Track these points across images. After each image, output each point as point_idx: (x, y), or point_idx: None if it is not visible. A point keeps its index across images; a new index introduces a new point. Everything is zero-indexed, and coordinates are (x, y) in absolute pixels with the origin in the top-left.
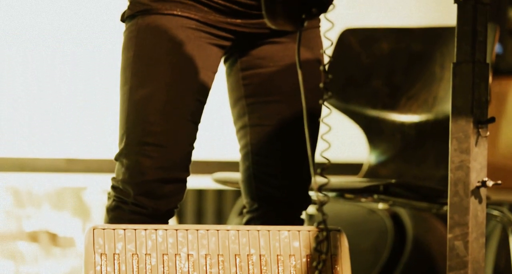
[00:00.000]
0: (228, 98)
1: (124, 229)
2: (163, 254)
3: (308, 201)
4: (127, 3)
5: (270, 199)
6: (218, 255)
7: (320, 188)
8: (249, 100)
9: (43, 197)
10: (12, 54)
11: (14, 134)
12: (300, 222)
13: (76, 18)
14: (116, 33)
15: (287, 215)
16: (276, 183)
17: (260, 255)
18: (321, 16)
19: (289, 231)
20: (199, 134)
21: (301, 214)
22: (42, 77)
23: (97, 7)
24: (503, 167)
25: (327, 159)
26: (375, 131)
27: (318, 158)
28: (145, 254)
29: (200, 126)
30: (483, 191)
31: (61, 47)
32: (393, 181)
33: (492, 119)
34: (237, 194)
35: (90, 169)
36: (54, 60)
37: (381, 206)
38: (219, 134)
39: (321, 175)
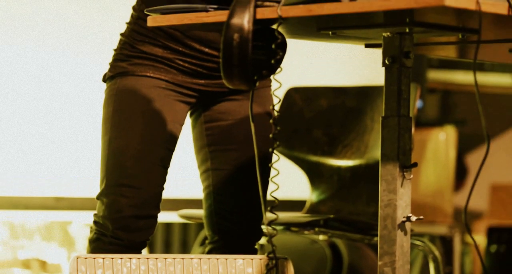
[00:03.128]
0: (193, 146)
1: (103, 258)
2: None
3: (260, 234)
4: (108, 67)
5: (229, 232)
6: None
7: (270, 223)
8: (211, 148)
9: (34, 230)
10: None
11: (9, 176)
12: (254, 252)
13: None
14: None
15: (243, 246)
16: (234, 218)
17: None
18: (271, 77)
19: (243, 259)
20: (167, 176)
21: (254, 244)
22: (33, 127)
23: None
24: (424, 204)
25: (275, 198)
26: (316, 174)
27: (268, 197)
28: None
29: (168, 170)
30: (407, 225)
31: (46, 97)
32: (331, 216)
33: (415, 165)
34: (200, 227)
35: (75, 206)
36: (39, 109)
37: (321, 237)
38: (184, 176)
39: (271, 211)
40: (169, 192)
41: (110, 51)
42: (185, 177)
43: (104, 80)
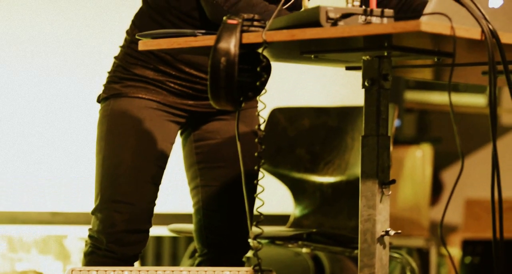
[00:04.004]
0: (183, 164)
1: (97, 271)
2: None
3: (247, 247)
4: (102, 88)
5: (217, 245)
6: None
7: (256, 237)
8: (200, 165)
9: (31, 244)
10: None
11: (7, 191)
12: (241, 264)
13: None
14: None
15: (230, 259)
16: (222, 232)
17: None
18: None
19: (230, 271)
20: (158, 192)
21: (241, 257)
22: (30, 145)
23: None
24: (402, 218)
25: (261, 214)
26: (299, 190)
27: (254, 212)
28: None
29: (160, 186)
30: (386, 238)
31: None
32: (314, 230)
33: (393, 181)
34: (189, 240)
35: (70, 221)
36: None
37: (304, 250)
38: (174, 192)
39: (257, 226)
40: (160, 207)
41: (104, 73)
42: (175, 193)
43: (99, 101)
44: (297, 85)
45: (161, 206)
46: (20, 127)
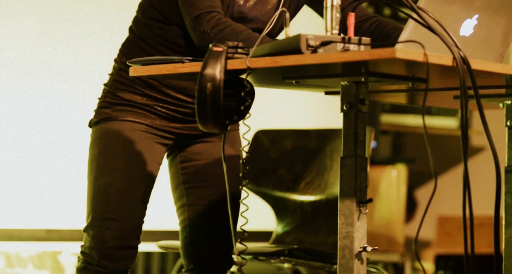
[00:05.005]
0: (170, 184)
1: None
2: None
3: (231, 263)
4: (93, 113)
5: (203, 261)
6: None
7: (240, 253)
8: (186, 185)
9: (27, 260)
10: None
11: (4, 210)
12: None
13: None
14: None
15: None
16: (207, 249)
17: None
18: (240, 122)
19: None
20: (147, 211)
21: (226, 272)
22: (26, 166)
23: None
24: (378, 234)
25: (245, 231)
26: (281, 208)
27: (238, 230)
28: None
29: (148, 205)
30: (364, 254)
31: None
32: (295, 246)
33: (370, 200)
34: (177, 256)
35: (64, 238)
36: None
37: (286, 265)
38: (162, 210)
39: (241, 243)
40: (149, 224)
41: (95, 99)
42: (163, 211)
43: (90, 125)
44: (279, 109)
45: (150, 224)
46: (15, 145)
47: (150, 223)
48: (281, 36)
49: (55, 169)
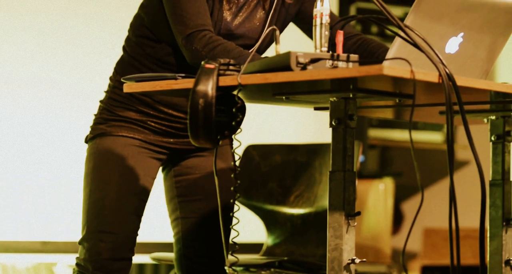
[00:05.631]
0: (165, 197)
1: None
2: None
3: None
4: (89, 129)
5: (196, 272)
6: None
7: (232, 265)
8: (180, 199)
9: (24, 271)
10: None
11: (1, 223)
12: None
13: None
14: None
15: None
16: (200, 260)
17: None
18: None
19: None
20: (141, 223)
21: None
22: (22, 180)
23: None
24: (366, 246)
25: (236, 244)
26: (271, 221)
27: (230, 242)
28: None
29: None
30: (352, 266)
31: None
32: (285, 258)
33: (358, 213)
34: (169, 267)
35: (60, 250)
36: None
37: None
38: (156, 223)
39: (232, 255)
40: (143, 236)
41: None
42: (156, 223)
43: (86, 141)
44: (270, 124)
45: (144, 236)
46: (10, 159)
47: (143, 235)
48: (270, 52)
49: (51, 180)
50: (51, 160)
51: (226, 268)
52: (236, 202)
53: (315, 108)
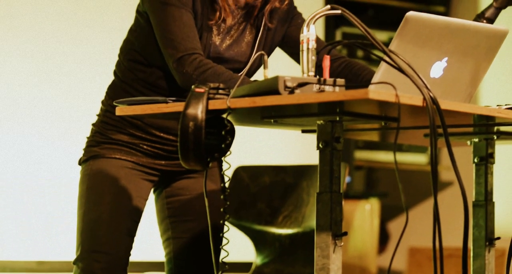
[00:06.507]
0: (156, 218)
1: None
2: None
3: None
4: (82, 152)
5: None
6: None
7: None
8: (171, 219)
9: None
10: None
11: None
12: None
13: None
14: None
15: None
16: None
17: None
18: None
19: None
20: (134, 243)
21: None
22: (19, 201)
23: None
24: (352, 265)
25: (226, 263)
26: (260, 241)
27: (220, 262)
28: None
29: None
30: None
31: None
32: None
33: (345, 234)
34: None
35: (55, 269)
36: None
37: None
38: (148, 243)
39: None
40: (135, 256)
41: (84, 138)
42: (149, 243)
43: (80, 163)
44: (259, 146)
45: (137, 255)
46: (5, 176)
47: (136, 254)
48: (258, 76)
49: (46, 203)
50: (47, 181)
51: None
52: (226, 222)
53: (303, 131)
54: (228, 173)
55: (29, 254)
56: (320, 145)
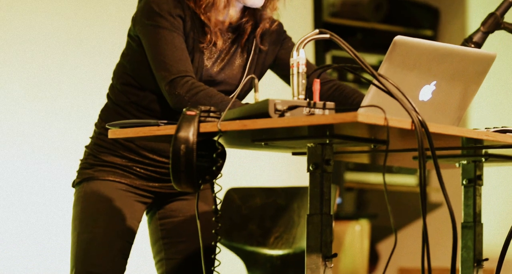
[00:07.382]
0: (149, 239)
1: None
2: None
3: None
4: (76, 174)
5: None
6: None
7: None
8: (164, 240)
9: None
10: None
11: None
12: None
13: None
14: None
15: None
16: None
17: None
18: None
19: None
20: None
21: None
22: (15, 221)
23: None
24: None
25: None
26: (251, 262)
27: None
28: None
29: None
30: None
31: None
32: None
33: (335, 255)
34: None
35: None
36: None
37: None
38: (143, 264)
39: None
40: None
41: (77, 160)
42: (142, 264)
43: (73, 185)
44: (250, 169)
45: None
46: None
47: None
48: (249, 98)
49: (41, 224)
50: (41, 205)
51: None
52: (218, 244)
53: (293, 154)
54: (220, 195)
55: None
56: (310, 167)
